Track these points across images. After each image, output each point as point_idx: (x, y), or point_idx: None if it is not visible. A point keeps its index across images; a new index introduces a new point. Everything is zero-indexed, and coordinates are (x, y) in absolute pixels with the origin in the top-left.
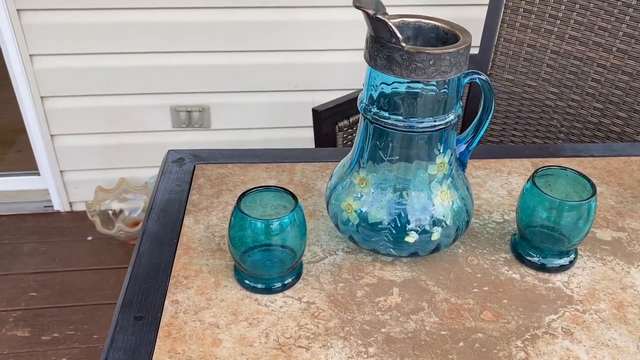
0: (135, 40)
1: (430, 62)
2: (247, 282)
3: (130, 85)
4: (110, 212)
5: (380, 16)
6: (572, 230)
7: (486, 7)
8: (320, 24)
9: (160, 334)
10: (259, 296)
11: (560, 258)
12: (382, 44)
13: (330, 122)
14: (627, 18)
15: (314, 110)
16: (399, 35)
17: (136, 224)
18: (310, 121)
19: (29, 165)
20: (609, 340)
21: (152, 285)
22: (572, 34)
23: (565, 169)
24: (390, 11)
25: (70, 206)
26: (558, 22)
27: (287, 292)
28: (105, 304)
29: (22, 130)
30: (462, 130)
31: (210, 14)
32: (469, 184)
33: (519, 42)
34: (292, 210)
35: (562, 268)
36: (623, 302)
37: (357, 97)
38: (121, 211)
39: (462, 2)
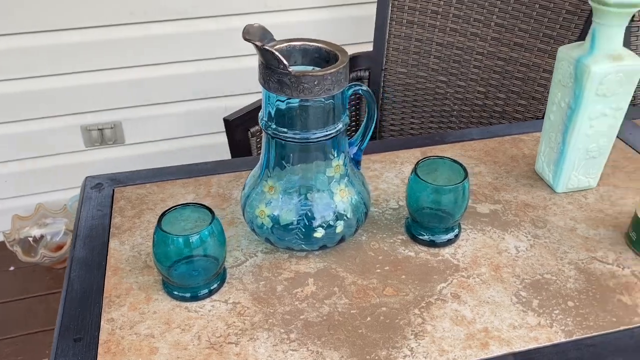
0: (37, 64)
1: (315, 83)
2: (175, 292)
3: (37, 109)
4: (31, 239)
5: (267, 47)
6: (452, 209)
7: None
8: (222, 32)
9: (100, 351)
10: (188, 304)
11: (447, 234)
12: (272, 70)
13: (242, 129)
14: (497, 10)
15: (225, 120)
16: (285, 62)
17: (59, 247)
18: (223, 126)
19: None
20: (489, 298)
21: (86, 307)
22: (452, 26)
23: (442, 158)
24: (290, 14)
25: None
26: (439, 16)
27: (214, 297)
28: (38, 332)
29: None
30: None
31: (112, 32)
32: (364, 179)
33: (407, 37)
34: (210, 223)
35: (449, 242)
36: (499, 265)
37: None
38: (42, 237)
39: (355, 1)
